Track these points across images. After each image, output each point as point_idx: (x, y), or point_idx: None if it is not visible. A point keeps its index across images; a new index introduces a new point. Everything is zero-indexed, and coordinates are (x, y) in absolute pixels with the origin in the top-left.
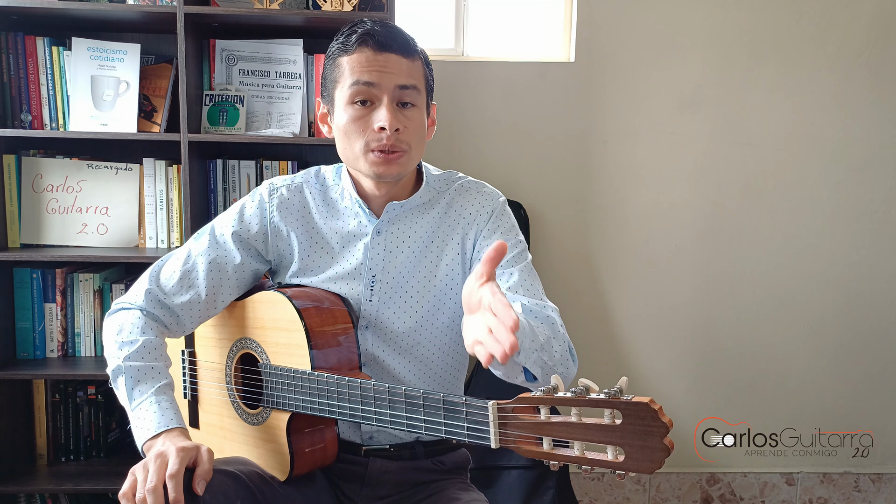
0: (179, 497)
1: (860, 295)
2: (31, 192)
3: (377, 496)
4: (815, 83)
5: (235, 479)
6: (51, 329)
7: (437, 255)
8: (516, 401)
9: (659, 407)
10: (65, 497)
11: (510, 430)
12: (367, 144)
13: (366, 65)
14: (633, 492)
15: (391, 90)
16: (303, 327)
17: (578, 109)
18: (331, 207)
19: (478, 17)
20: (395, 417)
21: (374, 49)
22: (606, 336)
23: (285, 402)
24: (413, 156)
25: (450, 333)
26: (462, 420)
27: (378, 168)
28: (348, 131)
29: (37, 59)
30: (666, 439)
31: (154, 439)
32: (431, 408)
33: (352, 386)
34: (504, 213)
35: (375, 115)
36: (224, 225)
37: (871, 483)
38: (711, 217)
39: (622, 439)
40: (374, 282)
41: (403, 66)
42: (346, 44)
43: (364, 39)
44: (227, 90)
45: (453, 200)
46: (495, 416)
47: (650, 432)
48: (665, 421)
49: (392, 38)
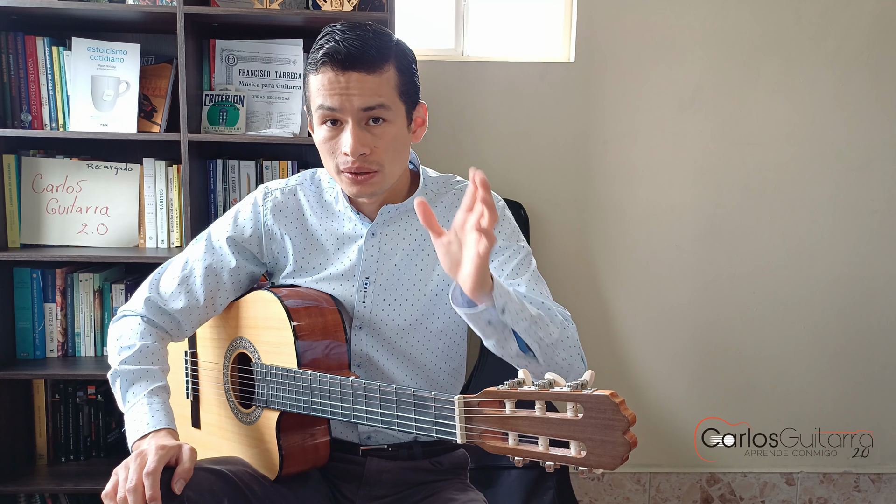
0: (156, 495)
1: (860, 295)
2: (31, 192)
3: (375, 496)
4: (815, 83)
5: (223, 477)
6: (51, 329)
7: (432, 258)
8: (482, 394)
9: (621, 400)
10: (65, 497)
11: (476, 424)
12: (337, 165)
13: (328, 88)
14: (633, 492)
15: (355, 113)
16: (290, 326)
17: (578, 109)
18: (325, 209)
19: (478, 17)
20: (370, 414)
21: (335, 69)
22: (606, 336)
23: (274, 401)
24: (388, 172)
25: (444, 337)
26: (430, 415)
27: (351, 188)
28: (322, 151)
29: (37, 59)
30: (628, 434)
31: (142, 440)
32: (404, 404)
33: (332, 383)
34: (504, 219)
35: (342, 137)
36: (219, 230)
37: (871, 483)
38: (711, 217)
39: (583, 434)
40: (367, 283)
41: (368, 85)
42: (313, 60)
43: (324, 60)
44: (227, 90)
45: (451, 204)
46: (461, 410)
47: (611, 426)
48: (626, 415)
49: (355, 53)
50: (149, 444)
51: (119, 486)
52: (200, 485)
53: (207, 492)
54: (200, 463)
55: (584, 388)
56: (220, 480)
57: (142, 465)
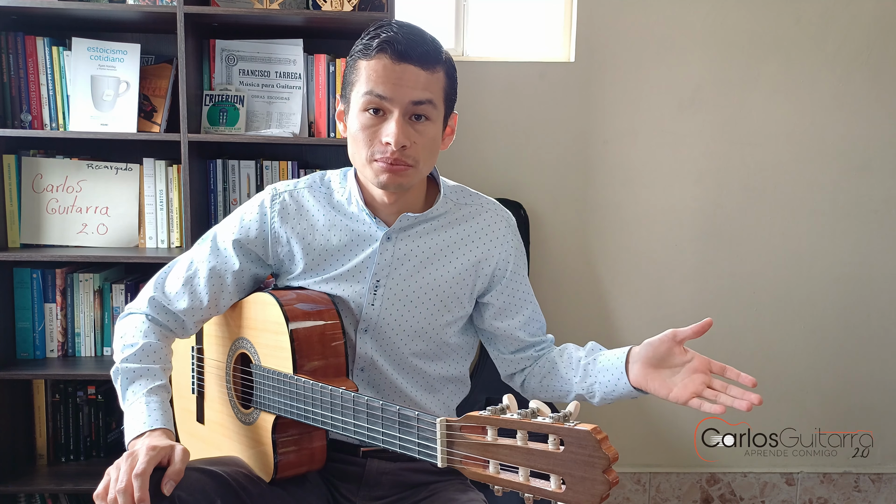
0: (144, 496)
1: (860, 295)
2: (31, 192)
3: (375, 497)
4: (815, 83)
5: (216, 478)
6: (51, 329)
7: (445, 270)
8: (464, 419)
9: (603, 436)
10: (65, 497)
11: (457, 448)
12: (372, 154)
13: (382, 74)
14: (633, 492)
15: (404, 105)
16: (287, 330)
17: (578, 109)
18: (336, 210)
19: (478, 17)
20: (358, 427)
21: (392, 58)
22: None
23: (270, 405)
24: (420, 169)
25: (447, 348)
26: (414, 435)
27: (381, 176)
28: (357, 138)
29: (37, 59)
30: (608, 472)
31: (136, 439)
32: (388, 420)
33: (324, 392)
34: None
35: (385, 127)
36: (225, 231)
37: (871, 483)
38: (711, 217)
39: (563, 468)
40: (377, 286)
41: (421, 79)
42: (367, 47)
43: (383, 46)
44: (227, 90)
45: (471, 218)
46: (443, 433)
47: (591, 463)
48: (608, 452)
49: (413, 47)
50: (141, 445)
51: (110, 487)
52: (192, 485)
53: (199, 492)
54: (193, 463)
55: (567, 421)
56: (212, 481)
57: (132, 465)
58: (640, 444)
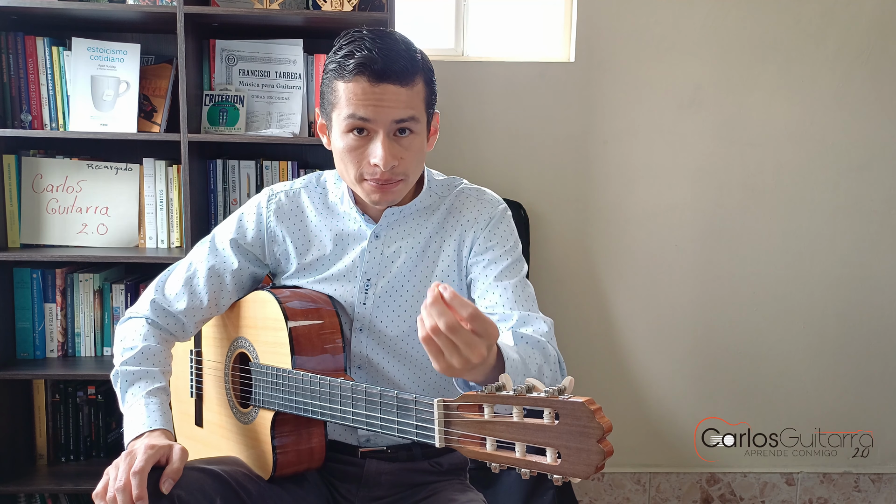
0: (142, 494)
1: (860, 295)
2: (31, 192)
3: (374, 497)
4: (815, 83)
5: (216, 477)
6: (51, 329)
7: (433, 261)
8: (461, 398)
9: (597, 407)
10: (65, 497)
11: (454, 428)
12: (361, 174)
13: (362, 98)
14: (633, 492)
15: (387, 125)
16: (286, 327)
17: (578, 109)
18: (330, 211)
19: (478, 17)
20: (356, 416)
21: (370, 80)
22: (606, 336)
23: (268, 401)
24: (411, 180)
25: None
26: (412, 418)
27: (373, 195)
28: (344, 159)
29: (37, 59)
30: (602, 442)
31: (135, 440)
32: (387, 406)
33: (322, 384)
34: (503, 221)
35: (371, 148)
36: (223, 233)
37: (871, 483)
38: (711, 217)
39: (559, 441)
40: (368, 285)
41: (402, 97)
42: (343, 66)
43: (360, 69)
44: (227, 90)
45: (452, 206)
46: (440, 413)
47: (586, 433)
48: (601, 422)
49: (390, 64)
50: (140, 444)
51: (109, 486)
52: (191, 484)
53: (198, 491)
54: (193, 463)
55: (561, 395)
56: (211, 480)
57: (130, 464)
58: (640, 444)
